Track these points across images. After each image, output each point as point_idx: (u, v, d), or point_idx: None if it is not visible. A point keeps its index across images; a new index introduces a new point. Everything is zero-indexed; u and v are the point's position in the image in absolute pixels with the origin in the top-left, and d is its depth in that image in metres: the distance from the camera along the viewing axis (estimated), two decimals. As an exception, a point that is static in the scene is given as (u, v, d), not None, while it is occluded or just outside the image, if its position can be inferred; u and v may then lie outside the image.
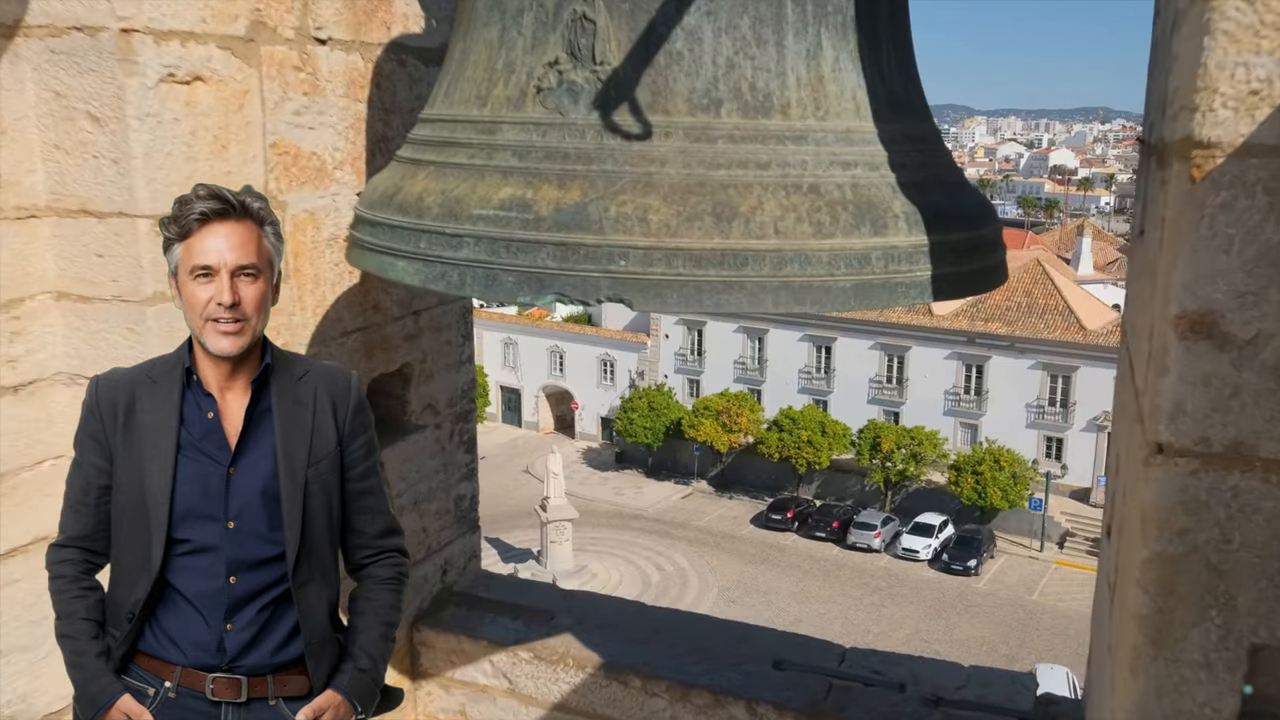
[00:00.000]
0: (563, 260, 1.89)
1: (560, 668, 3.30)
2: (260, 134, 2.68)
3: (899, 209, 2.00)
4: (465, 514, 3.77)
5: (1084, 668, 8.88)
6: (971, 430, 44.99)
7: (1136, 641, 1.70)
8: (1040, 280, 44.91)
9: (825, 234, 1.91)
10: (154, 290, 2.50)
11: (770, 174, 1.94)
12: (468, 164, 2.09)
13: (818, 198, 1.94)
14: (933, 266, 2.00)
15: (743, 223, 1.88)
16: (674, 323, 50.35)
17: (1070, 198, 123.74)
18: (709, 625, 3.57)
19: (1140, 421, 1.80)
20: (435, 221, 2.03)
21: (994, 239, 2.22)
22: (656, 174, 1.92)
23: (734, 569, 39.71)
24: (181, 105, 2.46)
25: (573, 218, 1.90)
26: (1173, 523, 1.64)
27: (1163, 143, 1.91)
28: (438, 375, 3.53)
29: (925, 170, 2.14)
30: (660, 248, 1.86)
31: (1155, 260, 1.84)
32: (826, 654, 3.32)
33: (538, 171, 1.99)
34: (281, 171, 2.76)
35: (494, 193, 2.00)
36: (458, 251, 1.99)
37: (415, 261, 2.07)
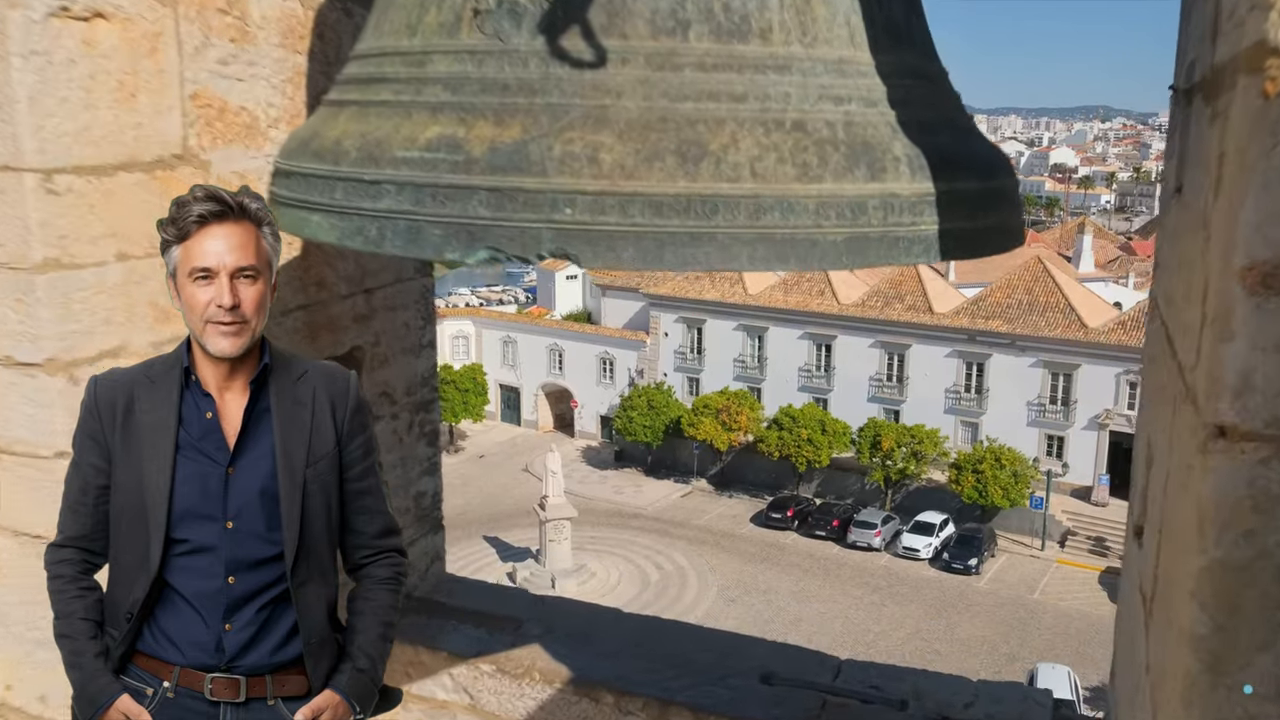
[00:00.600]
0: (498, 209, 1.58)
1: (526, 682, 2.99)
2: (177, 82, 2.37)
3: (900, 151, 1.69)
4: (427, 513, 3.47)
5: (1086, 667, 8.47)
6: (972, 428, 44.66)
7: (1190, 667, 1.39)
8: (1041, 278, 44.59)
9: (812, 177, 1.60)
10: (44, 256, 2.19)
11: (747, 108, 1.63)
12: (393, 101, 1.78)
13: (803, 135, 1.63)
14: (940, 219, 1.69)
15: (712, 163, 1.56)
16: (674, 321, 50.02)
17: (1071, 196, 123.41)
18: (692, 635, 3.26)
19: (1192, 401, 1.49)
20: (353, 167, 1.73)
21: (1010, 193, 1.91)
22: (611, 107, 1.62)
23: (733, 568, 39.41)
24: (78, 44, 2.15)
25: (510, 158, 1.59)
26: (1238, 522, 1.33)
27: (1215, 68, 1.60)
28: (394, 360, 3.22)
29: (931, 110, 1.83)
30: (613, 192, 1.55)
31: (1207, 210, 1.53)
32: (821, 667, 3.01)
33: (472, 106, 1.68)
34: (204, 126, 2.45)
35: (420, 132, 1.69)
36: (377, 202, 1.68)
37: (331, 215, 1.76)
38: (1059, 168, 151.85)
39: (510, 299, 74.77)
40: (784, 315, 47.52)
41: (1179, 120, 2.04)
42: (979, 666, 31.98)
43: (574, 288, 63.05)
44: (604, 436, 52.50)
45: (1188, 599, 1.40)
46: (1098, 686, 30.12)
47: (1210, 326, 1.38)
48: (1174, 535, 1.58)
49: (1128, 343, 41.13)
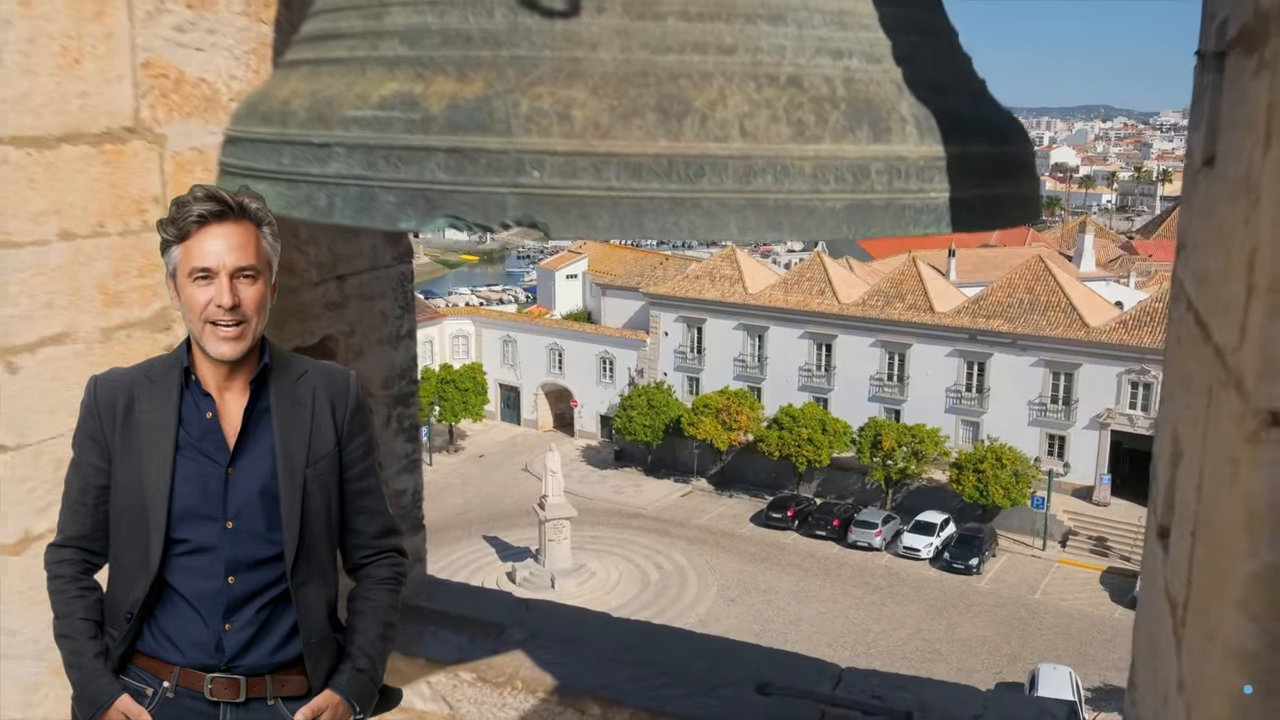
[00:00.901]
0: (458, 172, 1.42)
1: (507, 691, 2.82)
2: (128, 49, 2.20)
3: (906, 111, 1.52)
4: (406, 512, 3.30)
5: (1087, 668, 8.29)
6: (973, 428, 44.47)
7: (1238, 686, 1.23)
8: (1042, 277, 44.41)
9: (809, 137, 1.43)
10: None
11: (736, 60, 1.47)
12: (348, 58, 1.62)
13: (799, 91, 1.47)
14: (951, 187, 1.52)
15: (697, 120, 1.40)
16: (674, 320, 49.85)
17: (1072, 195, 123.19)
18: (683, 641, 3.09)
19: (1235, 387, 1.32)
20: (300, 129, 1.56)
21: (1026, 161, 1.75)
22: (585, 59, 1.45)
23: (733, 568, 39.24)
24: (14, 4, 1.99)
25: (472, 116, 1.42)
26: (1294, 523, 1.16)
27: (1258, 15, 1.44)
28: (369, 351, 3.05)
29: (940, 69, 1.67)
30: (587, 153, 1.38)
31: (1252, 171, 1.36)
32: (820, 675, 2.85)
33: (431, 61, 1.51)
34: (158, 97, 2.28)
35: (375, 89, 1.52)
36: (326, 166, 1.52)
37: (278, 183, 1.60)
38: (1060, 167, 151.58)
39: (510, 298, 74.59)
40: (784, 314, 47.36)
41: (1207, 87, 1.88)
42: (980, 667, 31.83)
43: (574, 287, 62.89)
44: (604, 436, 52.34)
45: (1233, 609, 1.23)
46: (1099, 687, 29.96)
47: (1262, 298, 1.21)
48: (1213, 537, 1.41)
49: (1129, 342, 40.98)
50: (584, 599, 33.89)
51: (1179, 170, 69.78)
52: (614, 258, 58.57)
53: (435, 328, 53.70)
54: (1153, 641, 2.06)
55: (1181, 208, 2.34)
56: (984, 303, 44.71)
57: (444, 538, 38.79)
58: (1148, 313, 41.79)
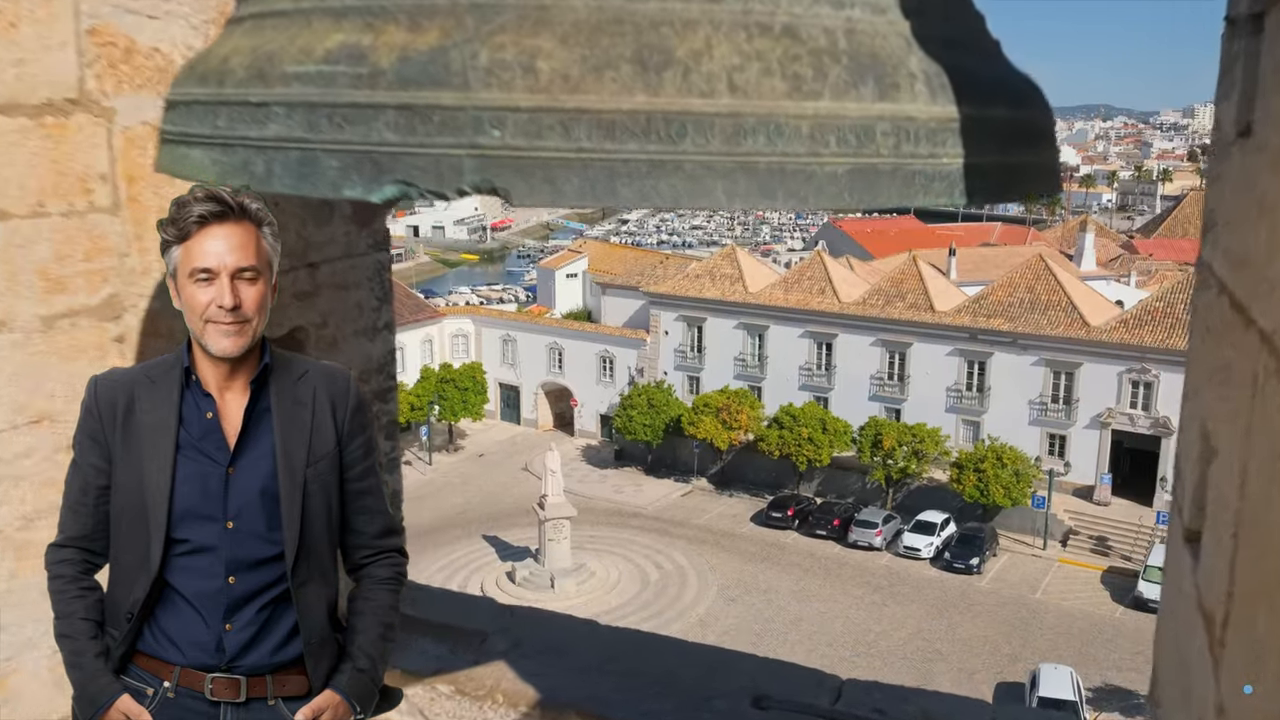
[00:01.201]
0: (409, 132, 1.26)
1: (488, 705, 2.66)
2: (71, 14, 2.04)
3: (916, 66, 1.36)
4: (384, 513, 3.13)
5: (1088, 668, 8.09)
6: (974, 427, 44.29)
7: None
8: (1043, 276, 44.25)
9: (807, 93, 1.26)
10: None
11: (724, 8, 1.30)
12: (292, 10, 1.45)
13: (795, 43, 1.30)
14: (965, 151, 1.36)
15: (679, 73, 1.23)
16: (674, 319, 49.67)
17: (1072, 195, 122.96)
18: (674, 649, 2.92)
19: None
20: (238, 89, 1.40)
21: (1046, 127, 1.58)
22: (553, 6, 1.28)
23: (734, 567, 39.07)
24: (-62, -39, 1.82)
25: (425, 69, 1.26)
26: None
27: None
28: (343, 344, 2.89)
29: (951, 24, 1.50)
30: (554, 109, 1.22)
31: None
32: (819, 687, 2.68)
33: (382, 9, 1.35)
34: (105, 67, 2.12)
35: (319, 42, 1.36)
36: (264, 128, 1.36)
37: (212, 149, 1.44)
38: (1060, 166, 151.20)
39: (510, 297, 74.41)
40: (784, 313, 47.18)
41: (1239, 54, 1.72)
42: (981, 667, 31.70)
43: (574, 286, 62.74)
44: (604, 435, 52.16)
45: (1293, 627, 1.07)
46: (1100, 686, 29.82)
47: (1325, 272, 1.05)
48: (1261, 540, 1.25)
49: (1130, 341, 40.83)
50: (584, 598, 33.77)
51: (1179, 169, 69.57)
52: (614, 256, 58.37)
53: (435, 327, 53.55)
54: (1181, 656, 1.90)
55: (1210, 186, 2.17)
56: (984, 302, 44.54)
57: (444, 537, 38.65)
58: (1148, 312, 41.66)
